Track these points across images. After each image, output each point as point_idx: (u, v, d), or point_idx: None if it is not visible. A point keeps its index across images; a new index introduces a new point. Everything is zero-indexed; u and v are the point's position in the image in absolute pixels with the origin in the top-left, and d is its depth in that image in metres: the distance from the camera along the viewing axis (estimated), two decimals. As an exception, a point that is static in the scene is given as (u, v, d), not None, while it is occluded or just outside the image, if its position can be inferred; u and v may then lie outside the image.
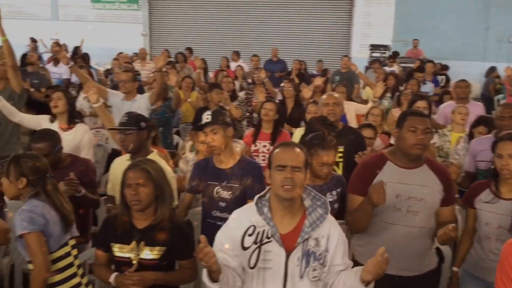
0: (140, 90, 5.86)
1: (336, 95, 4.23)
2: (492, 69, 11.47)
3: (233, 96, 6.66)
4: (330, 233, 2.24)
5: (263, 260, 2.21)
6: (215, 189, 3.24)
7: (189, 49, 12.63)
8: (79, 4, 17.01)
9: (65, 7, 17.26)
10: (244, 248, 2.22)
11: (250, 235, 2.23)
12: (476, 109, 5.45)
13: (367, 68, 11.62)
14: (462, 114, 4.86)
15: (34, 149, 3.27)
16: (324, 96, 4.18)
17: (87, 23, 16.74)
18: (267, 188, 2.32)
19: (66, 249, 2.72)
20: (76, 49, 11.69)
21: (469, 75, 9.15)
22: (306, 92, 5.95)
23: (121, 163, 3.38)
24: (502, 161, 2.83)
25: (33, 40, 12.76)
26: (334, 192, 3.24)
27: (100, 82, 7.64)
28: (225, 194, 3.20)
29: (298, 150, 2.24)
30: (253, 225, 2.23)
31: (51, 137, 3.43)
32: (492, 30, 13.53)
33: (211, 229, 3.04)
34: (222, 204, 3.20)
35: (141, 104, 4.98)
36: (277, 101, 5.56)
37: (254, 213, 2.25)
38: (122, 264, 2.63)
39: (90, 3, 16.83)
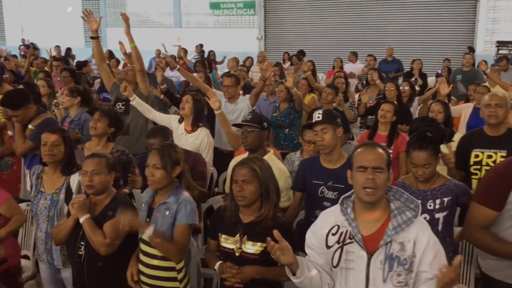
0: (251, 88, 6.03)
1: (500, 95, 3.80)
2: None
3: (346, 98, 6.56)
4: (418, 238, 2.13)
5: (345, 261, 2.20)
6: (320, 188, 3.23)
7: (302, 52, 12.69)
8: (199, 12, 17.92)
9: (187, 15, 18.28)
10: (328, 247, 2.24)
11: (333, 234, 2.24)
12: None
13: (492, 66, 10.80)
14: None
15: (148, 145, 3.61)
16: (486, 96, 3.78)
17: (206, 29, 17.57)
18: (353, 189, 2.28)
19: None
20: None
21: None
22: (444, 88, 5.66)
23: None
24: None
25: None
26: (438, 201, 3.01)
27: (219, 87, 7.97)
28: (330, 194, 3.19)
29: (380, 150, 2.20)
30: (337, 225, 2.25)
31: (163, 132, 3.75)
32: None
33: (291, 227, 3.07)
34: (327, 204, 3.18)
35: (243, 106, 5.17)
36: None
37: (338, 213, 2.26)
38: (226, 254, 2.76)
39: (209, 10, 17.65)
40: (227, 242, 2.75)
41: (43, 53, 16.31)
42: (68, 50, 15.32)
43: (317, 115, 3.28)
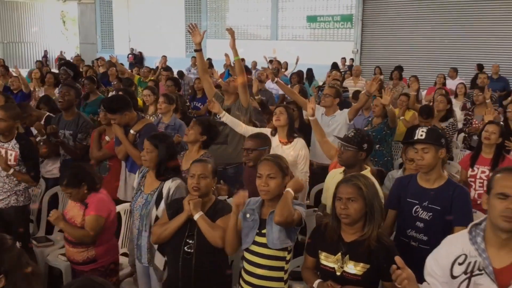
0: (346, 105, 6.01)
1: None
2: None
3: (447, 116, 6.30)
4: None
5: None
6: (414, 208, 3.13)
7: (400, 67, 12.39)
8: (296, 25, 18.12)
9: (284, 28, 18.56)
10: (453, 277, 2.11)
11: (460, 264, 2.10)
12: None
13: None
14: None
15: (244, 144, 3.92)
16: None
17: (302, 42, 17.71)
18: (484, 216, 2.15)
19: None
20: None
21: None
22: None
23: (335, 175, 3.51)
24: None
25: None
26: None
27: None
28: (424, 215, 3.07)
29: None
30: (465, 254, 2.10)
31: (261, 137, 4.01)
32: None
33: (404, 247, 3.00)
34: (420, 224, 3.08)
35: (340, 120, 5.15)
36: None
37: (466, 241, 2.12)
38: (326, 273, 2.71)
39: (306, 23, 17.79)
40: (328, 261, 2.71)
41: (148, 62, 17.37)
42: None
43: (421, 133, 3.18)
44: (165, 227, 3.10)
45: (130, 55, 20.18)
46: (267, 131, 4.70)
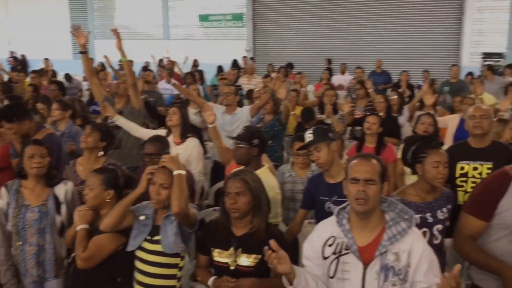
0: (240, 104, 6.07)
1: (484, 107, 3.88)
2: None
3: (336, 110, 6.63)
4: (413, 248, 2.18)
5: (341, 271, 2.24)
6: (326, 204, 3.27)
7: (290, 65, 12.81)
8: (188, 24, 18.00)
9: (176, 27, 18.35)
10: (325, 258, 2.29)
11: (330, 245, 2.29)
12: None
13: (479, 77, 10.97)
14: None
15: (146, 149, 3.81)
16: (471, 108, 3.85)
17: (195, 41, 17.65)
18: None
19: None
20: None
21: None
22: (429, 99, 5.73)
23: None
24: None
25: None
26: (445, 209, 3.06)
27: (209, 99, 8.03)
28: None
29: (374, 161, 2.24)
30: (333, 236, 2.29)
31: (161, 140, 3.91)
32: None
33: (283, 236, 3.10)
34: None
35: (242, 117, 5.18)
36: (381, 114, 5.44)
37: (334, 224, 2.31)
38: (220, 269, 2.75)
39: (198, 22, 17.75)
40: (221, 256, 2.75)
41: (33, 65, 16.28)
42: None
43: (309, 135, 3.31)
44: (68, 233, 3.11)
45: (10, 59, 18.79)
46: (162, 132, 4.63)
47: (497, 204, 2.55)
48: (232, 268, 2.70)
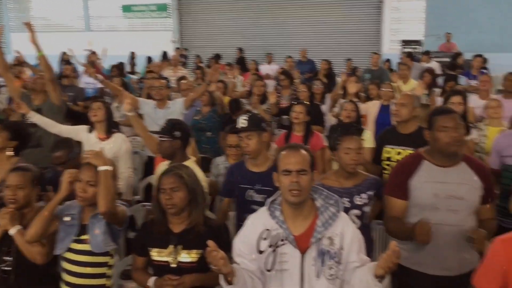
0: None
1: (409, 94, 4.01)
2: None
3: (264, 100, 6.68)
4: (344, 231, 2.27)
5: (280, 262, 2.26)
6: (247, 192, 3.27)
7: (218, 56, 12.75)
8: (110, 15, 17.40)
9: (97, 18, 17.69)
10: (260, 252, 2.29)
11: (265, 239, 2.29)
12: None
13: (399, 64, 11.42)
14: (494, 107, 4.74)
15: (53, 158, 3.65)
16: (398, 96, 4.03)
17: (118, 33, 17.10)
18: (278, 192, 2.35)
19: None
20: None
21: (505, 67, 8.89)
22: (352, 87, 5.89)
23: (163, 168, 3.46)
24: None
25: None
26: (364, 195, 3.14)
27: (134, 91, 7.80)
28: (258, 198, 3.22)
29: (303, 152, 2.28)
30: (267, 229, 2.30)
31: (67, 143, 3.79)
32: (528, 19, 13.13)
33: (224, 228, 3.09)
34: (255, 207, 3.16)
35: (176, 110, 5.08)
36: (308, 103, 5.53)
37: (267, 217, 2.32)
38: (160, 268, 2.69)
39: (121, 13, 17.20)
40: (161, 255, 2.68)
41: None
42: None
43: (243, 121, 3.29)
44: None
45: None
46: (83, 128, 4.45)
47: (408, 180, 2.72)
48: (173, 266, 2.64)
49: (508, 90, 5.57)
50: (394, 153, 3.77)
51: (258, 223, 2.33)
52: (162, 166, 3.63)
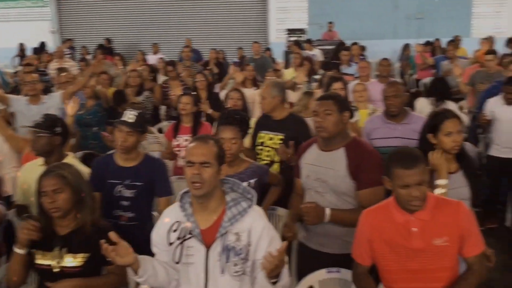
0: (48, 90, 5.60)
1: (267, 86, 4.07)
2: (406, 46, 11.84)
3: (140, 91, 6.49)
4: (253, 227, 2.21)
5: (186, 256, 2.23)
6: (116, 187, 3.14)
7: (102, 46, 12.20)
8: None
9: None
10: (170, 244, 2.26)
11: (174, 231, 2.26)
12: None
13: (286, 53, 11.74)
14: (359, 91, 5.04)
15: None
16: None
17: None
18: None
19: None
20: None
21: (382, 53, 9.49)
22: (239, 76, 5.97)
23: (32, 168, 3.19)
24: (453, 138, 2.75)
25: None
26: (245, 183, 3.11)
27: (9, 85, 7.20)
28: (128, 193, 3.13)
29: (208, 144, 2.22)
30: (178, 221, 2.27)
31: None
32: (401, 8, 14.13)
33: (114, 228, 3.00)
34: (124, 203, 3.14)
35: (52, 105, 4.77)
36: (194, 93, 5.48)
37: (178, 209, 2.28)
38: (43, 272, 2.52)
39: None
40: (45, 259, 2.50)
41: None
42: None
43: (130, 116, 3.14)
44: None
45: None
46: None
47: (299, 160, 2.96)
48: (56, 270, 2.47)
49: (382, 75, 5.93)
50: (267, 138, 3.86)
51: (170, 215, 2.31)
52: (30, 167, 3.36)
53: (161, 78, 8.01)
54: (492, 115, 4.95)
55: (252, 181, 3.18)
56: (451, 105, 5.55)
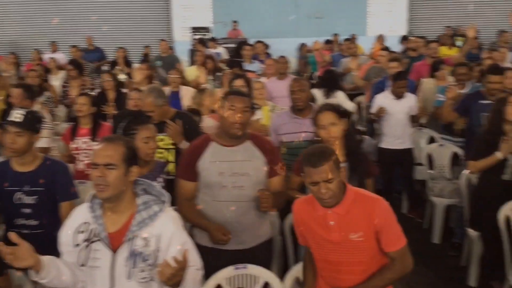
0: None
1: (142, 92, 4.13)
2: (302, 45, 12.26)
3: (40, 92, 6.14)
4: (163, 232, 2.13)
5: (92, 259, 2.15)
6: (16, 195, 2.95)
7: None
8: None
9: None
10: (76, 245, 2.17)
11: (82, 232, 2.17)
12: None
13: (191, 51, 11.64)
14: (258, 89, 5.12)
15: None
16: None
17: None
18: None
19: None
20: None
21: (284, 51, 9.72)
22: (138, 75, 5.88)
23: None
24: (325, 130, 3.01)
25: None
26: (159, 179, 3.17)
27: None
28: (29, 200, 2.95)
29: (114, 145, 2.14)
30: (87, 222, 2.18)
31: None
32: (301, 8, 14.57)
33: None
34: (26, 210, 2.96)
35: None
36: (93, 93, 5.27)
37: (87, 210, 2.19)
38: None
39: None
40: None
41: None
42: None
43: (17, 115, 2.93)
44: None
45: None
46: None
47: (197, 164, 2.82)
48: None
49: (280, 72, 6.04)
50: (158, 140, 3.78)
51: (79, 215, 2.22)
52: None
53: (54, 78, 7.65)
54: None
55: (161, 177, 3.17)
56: (340, 95, 5.94)
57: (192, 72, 7.40)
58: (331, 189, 2.26)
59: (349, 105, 5.90)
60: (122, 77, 6.63)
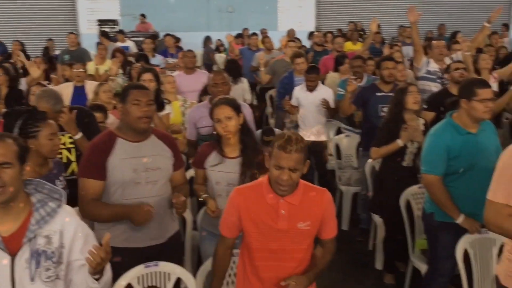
0: None
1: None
2: (208, 38, 12.25)
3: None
4: (64, 228, 2.08)
5: None
6: None
7: None
8: None
9: None
10: None
11: None
12: (202, 77, 5.75)
13: (98, 44, 11.20)
14: (170, 83, 5.08)
15: None
16: None
17: None
18: None
19: None
20: None
21: (195, 45, 9.66)
22: (35, 71, 5.63)
23: None
24: (222, 124, 3.01)
25: None
26: (61, 178, 3.12)
27: None
28: None
29: (7, 143, 1.98)
30: None
31: None
32: (212, 1, 14.52)
33: None
34: None
35: None
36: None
37: None
38: None
39: None
40: None
41: None
42: None
43: None
44: None
45: None
46: None
47: (106, 162, 2.70)
48: None
49: (188, 67, 5.96)
50: (63, 140, 3.63)
51: None
52: None
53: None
54: (297, 102, 5.39)
55: (62, 175, 3.10)
56: (245, 81, 6.32)
57: (91, 66, 7.16)
58: (293, 179, 2.29)
59: (248, 96, 6.29)
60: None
